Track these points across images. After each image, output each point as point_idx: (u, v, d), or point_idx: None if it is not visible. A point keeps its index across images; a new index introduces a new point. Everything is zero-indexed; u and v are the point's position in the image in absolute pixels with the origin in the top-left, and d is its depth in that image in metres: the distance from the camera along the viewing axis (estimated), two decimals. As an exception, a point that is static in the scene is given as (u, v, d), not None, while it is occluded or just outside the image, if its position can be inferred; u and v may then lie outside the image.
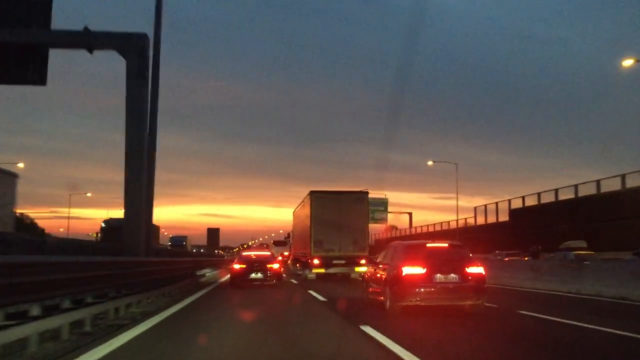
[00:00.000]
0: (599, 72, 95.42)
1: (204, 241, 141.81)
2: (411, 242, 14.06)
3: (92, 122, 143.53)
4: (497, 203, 43.16)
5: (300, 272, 28.29)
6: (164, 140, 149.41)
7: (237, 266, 19.52)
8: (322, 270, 22.90)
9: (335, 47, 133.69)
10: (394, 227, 74.84)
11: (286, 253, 39.26)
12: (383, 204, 64.95)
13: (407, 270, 10.28)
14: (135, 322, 9.19)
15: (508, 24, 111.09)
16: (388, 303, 10.71)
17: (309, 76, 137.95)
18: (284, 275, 23.01)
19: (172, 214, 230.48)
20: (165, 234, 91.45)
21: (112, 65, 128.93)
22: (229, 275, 21.61)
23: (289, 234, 37.46)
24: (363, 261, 22.80)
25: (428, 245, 11.25)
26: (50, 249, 11.72)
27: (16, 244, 11.18)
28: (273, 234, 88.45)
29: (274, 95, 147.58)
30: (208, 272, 33.05)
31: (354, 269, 22.98)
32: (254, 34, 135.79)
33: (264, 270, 18.96)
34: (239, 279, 19.04)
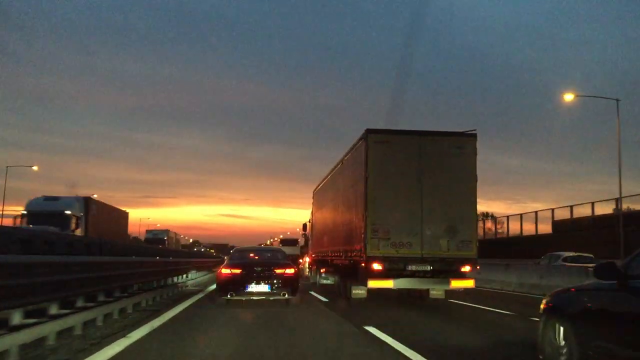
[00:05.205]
0: (627, 76, 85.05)
1: (221, 241, 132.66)
2: None
3: (111, 120, 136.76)
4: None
5: (329, 282, 17.83)
6: (183, 140, 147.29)
7: (226, 271, 12.06)
8: (388, 283, 11.87)
9: (356, 49, 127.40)
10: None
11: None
12: None
13: None
14: None
15: (533, 25, 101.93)
16: None
17: (330, 77, 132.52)
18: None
19: (190, 214, 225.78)
20: (184, 237, 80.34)
21: (129, 65, 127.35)
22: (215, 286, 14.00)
23: (304, 226, 26.29)
24: (467, 268, 11.89)
25: None
26: None
27: None
28: (298, 229, 76.91)
29: (295, 96, 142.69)
30: (191, 280, 22.59)
31: (448, 282, 11.99)
32: (276, 35, 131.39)
33: (270, 277, 11.87)
34: (230, 290, 11.88)
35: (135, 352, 6.35)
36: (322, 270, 18.76)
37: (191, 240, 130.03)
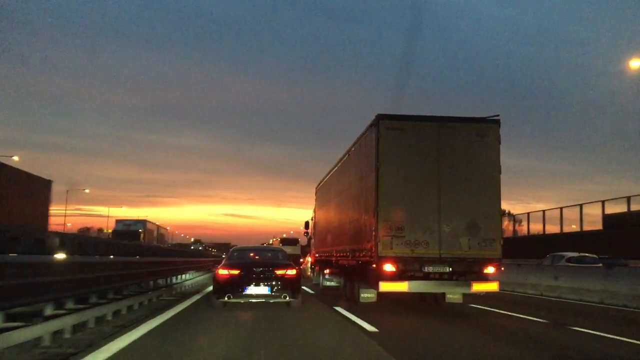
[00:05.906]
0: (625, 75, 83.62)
1: (223, 240, 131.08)
2: None
3: (114, 120, 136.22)
4: None
5: (334, 284, 16.87)
6: (186, 140, 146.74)
7: (224, 272, 11.36)
8: (401, 286, 10.63)
9: (360, 49, 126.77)
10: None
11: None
12: None
13: None
14: None
15: (530, 23, 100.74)
16: None
17: (334, 77, 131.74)
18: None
19: (193, 214, 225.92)
20: (181, 234, 76.79)
21: (130, 64, 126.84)
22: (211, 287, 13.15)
23: (307, 224, 25.07)
24: (491, 269, 10.66)
25: None
26: None
27: None
28: (301, 228, 75.63)
29: (298, 97, 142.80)
30: (189, 280, 21.37)
31: (469, 286, 10.74)
32: (277, 35, 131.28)
33: (270, 278, 11.20)
34: (227, 292, 11.15)
35: None
36: (326, 271, 17.58)
37: (192, 239, 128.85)
